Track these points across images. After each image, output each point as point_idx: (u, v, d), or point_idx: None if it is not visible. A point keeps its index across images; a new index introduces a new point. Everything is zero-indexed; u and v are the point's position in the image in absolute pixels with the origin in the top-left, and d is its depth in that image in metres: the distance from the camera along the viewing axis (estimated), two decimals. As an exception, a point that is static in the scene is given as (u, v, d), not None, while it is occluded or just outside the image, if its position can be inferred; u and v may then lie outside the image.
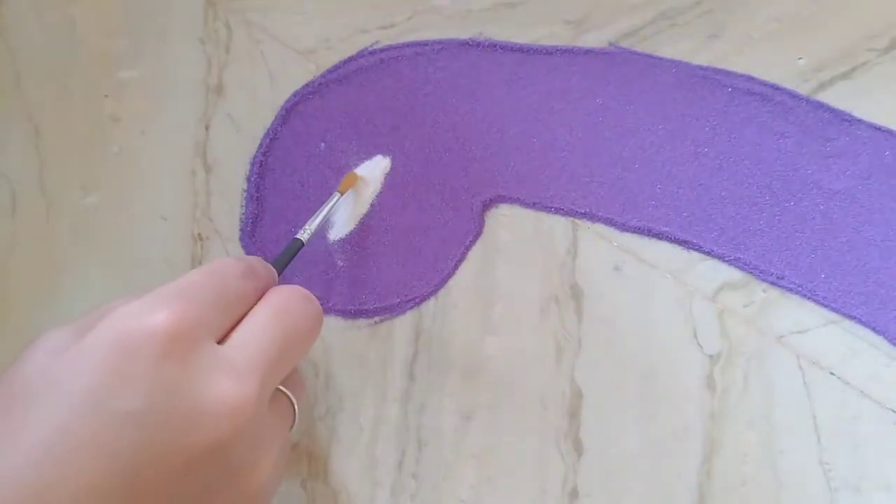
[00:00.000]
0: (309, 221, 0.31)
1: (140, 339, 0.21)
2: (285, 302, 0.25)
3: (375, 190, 0.35)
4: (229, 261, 0.25)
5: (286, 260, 0.30)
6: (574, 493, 0.31)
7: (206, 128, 0.37)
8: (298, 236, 0.30)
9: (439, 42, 0.37)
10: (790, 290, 0.33)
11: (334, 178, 0.35)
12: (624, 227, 0.34)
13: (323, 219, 0.32)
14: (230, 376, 0.22)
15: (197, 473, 0.21)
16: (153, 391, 0.20)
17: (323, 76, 0.37)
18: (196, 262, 0.35)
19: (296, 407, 0.27)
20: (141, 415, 0.20)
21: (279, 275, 0.28)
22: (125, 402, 0.20)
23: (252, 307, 0.25)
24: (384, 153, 0.36)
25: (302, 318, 0.25)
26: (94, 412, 0.20)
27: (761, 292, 0.33)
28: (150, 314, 0.21)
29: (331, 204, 0.32)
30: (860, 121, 0.35)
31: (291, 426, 0.27)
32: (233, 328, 0.24)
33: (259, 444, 0.23)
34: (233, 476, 0.22)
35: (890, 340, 0.32)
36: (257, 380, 0.22)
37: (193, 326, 0.22)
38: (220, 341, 0.23)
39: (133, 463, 0.20)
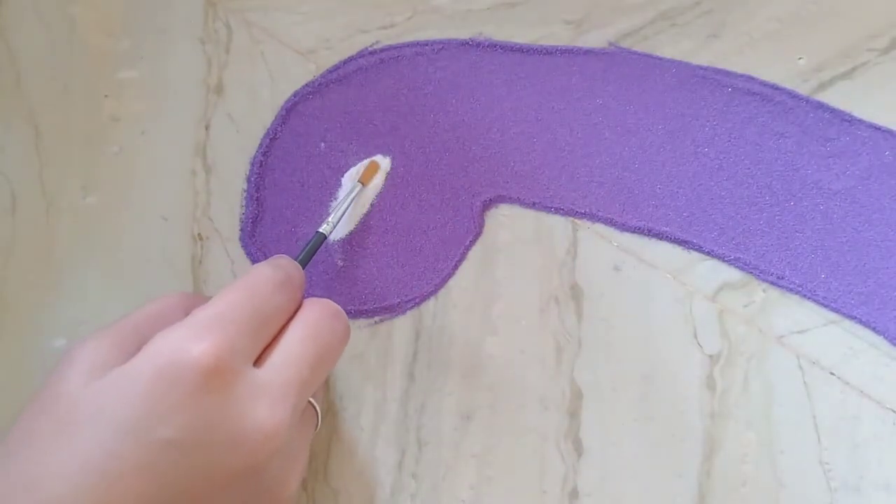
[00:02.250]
0: (332, 214, 0.32)
1: (181, 372, 0.22)
2: (318, 320, 0.26)
3: (376, 190, 0.35)
4: (265, 272, 0.26)
5: (310, 254, 0.30)
6: (574, 493, 0.31)
7: (206, 128, 0.37)
8: (321, 230, 0.31)
9: (439, 42, 0.37)
10: (790, 290, 0.33)
11: (334, 178, 0.35)
12: (624, 227, 0.34)
13: (346, 211, 0.32)
14: (266, 404, 0.23)
15: (234, 492, 0.23)
16: (194, 422, 0.22)
17: (323, 76, 0.37)
18: (196, 261, 0.35)
19: (319, 412, 0.28)
20: (182, 443, 0.22)
21: (304, 268, 0.29)
22: (168, 431, 0.21)
23: (287, 318, 0.26)
24: (384, 153, 0.36)
25: (333, 336, 0.26)
26: (139, 440, 0.21)
27: (761, 292, 0.33)
28: (191, 345, 0.22)
29: (353, 195, 0.32)
30: (860, 121, 0.35)
31: (315, 428, 0.29)
32: (270, 344, 0.25)
33: (290, 459, 0.25)
34: (267, 490, 0.24)
35: (890, 340, 0.32)
36: (291, 403, 0.24)
37: (231, 357, 0.23)
38: (258, 361, 0.24)
39: (175, 485, 0.22)
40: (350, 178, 0.35)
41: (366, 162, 0.35)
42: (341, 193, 0.35)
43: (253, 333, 0.24)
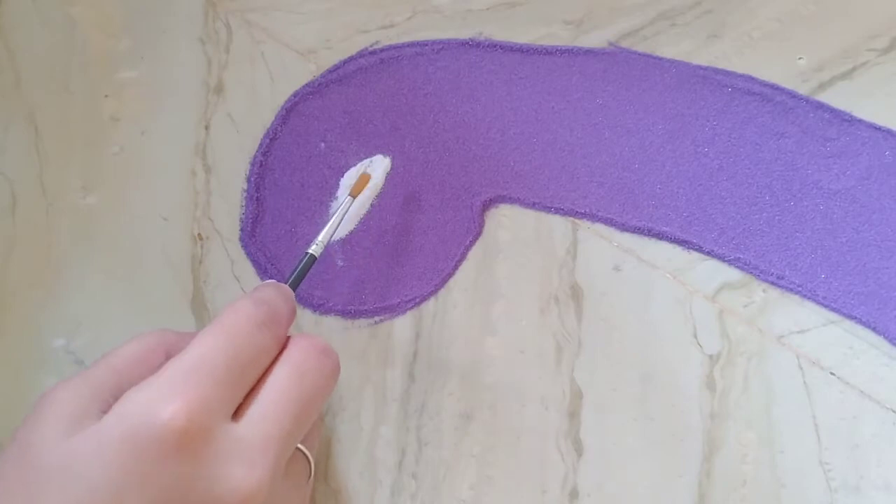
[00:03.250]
0: (322, 234, 0.30)
1: (151, 438, 0.21)
2: (303, 361, 0.24)
3: (376, 190, 0.35)
4: (246, 309, 0.24)
5: (300, 277, 0.29)
6: (574, 493, 0.31)
7: (206, 128, 0.37)
8: (311, 251, 0.29)
9: (439, 42, 0.37)
10: (790, 290, 0.33)
11: (334, 178, 0.35)
12: (624, 227, 0.34)
13: (335, 227, 0.31)
14: (243, 464, 0.22)
15: None
16: (164, 492, 0.21)
17: (323, 76, 0.37)
18: (196, 261, 0.35)
19: (311, 461, 0.26)
20: None
21: (294, 291, 0.28)
22: (137, 500, 0.20)
23: (271, 359, 0.24)
24: (384, 153, 0.36)
25: (320, 377, 0.24)
26: None
27: (761, 292, 0.33)
28: (162, 407, 0.21)
29: (344, 210, 0.31)
30: (860, 121, 0.35)
31: (308, 477, 0.26)
32: (252, 390, 0.23)
33: None
34: None
35: (890, 340, 0.32)
36: (272, 459, 0.22)
37: (205, 415, 0.21)
38: (238, 411, 0.23)
39: None
40: (349, 178, 0.35)
41: (357, 171, 0.35)
42: (341, 194, 0.35)
43: (232, 384, 0.22)
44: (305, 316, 0.34)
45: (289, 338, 0.25)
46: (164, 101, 0.37)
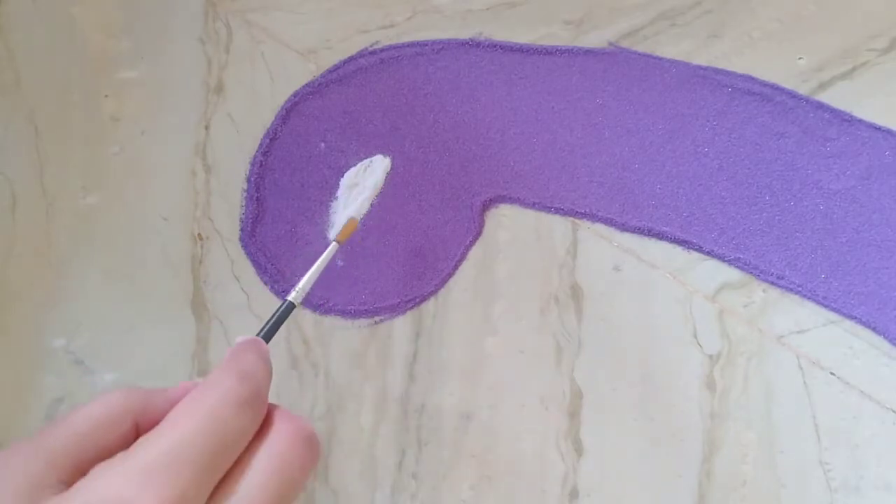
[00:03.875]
0: (303, 280, 0.28)
1: None
2: (286, 451, 0.22)
3: (376, 190, 0.35)
4: (230, 386, 0.22)
5: (277, 326, 0.27)
6: (574, 493, 0.31)
7: (206, 128, 0.37)
8: (291, 298, 0.28)
9: (439, 42, 0.37)
10: (790, 290, 0.33)
11: (334, 178, 0.35)
12: (624, 227, 0.34)
13: (316, 275, 0.29)
14: None
15: None
16: None
17: (323, 76, 0.37)
18: (196, 261, 0.35)
19: None
20: None
21: (269, 341, 0.26)
22: None
23: (249, 439, 0.22)
24: (384, 153, 0.36)
25: (301, 472, 0.22)
26: None
27: (761, 292, 0.33)
28: (140, 498, 0.19)
29: (327, 258, 0.30)
30: (860, 121, 0.35)
31: None
32: (228, 474, 0.21)
33: None
34: None
35: (890, 340, 0.32)
36: None
37: None
38: (212, 496, 0.21)
39: None
40: (349, 178, 0.35)
41: (356, 174, 0.35)
42: (341, 194, 0.35)
43: (209, 473, 0.21)
44: (306, 316, 0.34)
45: (270, 411, 0.23)
46: (164, 101, 0.37)
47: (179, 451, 0.20)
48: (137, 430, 0.22)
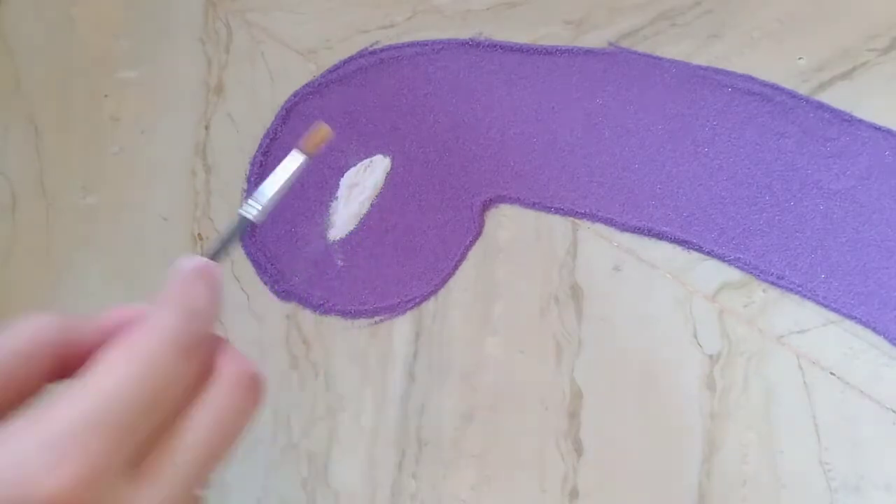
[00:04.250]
0: (261, 189, 0.24)
1: None
2: (229, 404, 0.19)
3: (376, 190, 0.35)
4: (173, 326, 0.19)
5: (228, 244, 0.23)
6: (574, 493, 0.31)
7: (206, 128, 0.37)
8: (242, 211, 0.24)
9: (439, 42, 0.37)
10: (790, 290, 0.33)
11: (334, 178, 0.35)
12: (624, 227, 0.34)
13: (276, 187, 0.24)
14: None
15: None
16: None
17: (323, 76, 0.37)
18: (196, 262, 0.35)
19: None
20: None
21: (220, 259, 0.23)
22: None
23: (192, 391, 0.19)
24: (384, 153, 0.36)
25: (243, 419, 0.19)
26: None
27: (761, 292, 0.33)
28: (44, 477, 0.16)
29: (290, 167, 0.25)
30: (860, 121, 0.35)
31: None
32: (163, 433, 0.18)
33: None
34: None
35: (890, 340, 0.32)
36: None
37: (97, 485, 0.16)
38: (143, 454, 0.18)
39: None
40: (349, 178, 0.35)
41: (356, 171, 0.34)
42: (341, 194, 0.35)
43: (140, 430, 0.17)
44: (306, 316, 0.34)
45: (212, 350, 0.20)
46: (164, 101, 0.37)
47: (105, 410, 0.17)
48: (63, 367, 0.19)
